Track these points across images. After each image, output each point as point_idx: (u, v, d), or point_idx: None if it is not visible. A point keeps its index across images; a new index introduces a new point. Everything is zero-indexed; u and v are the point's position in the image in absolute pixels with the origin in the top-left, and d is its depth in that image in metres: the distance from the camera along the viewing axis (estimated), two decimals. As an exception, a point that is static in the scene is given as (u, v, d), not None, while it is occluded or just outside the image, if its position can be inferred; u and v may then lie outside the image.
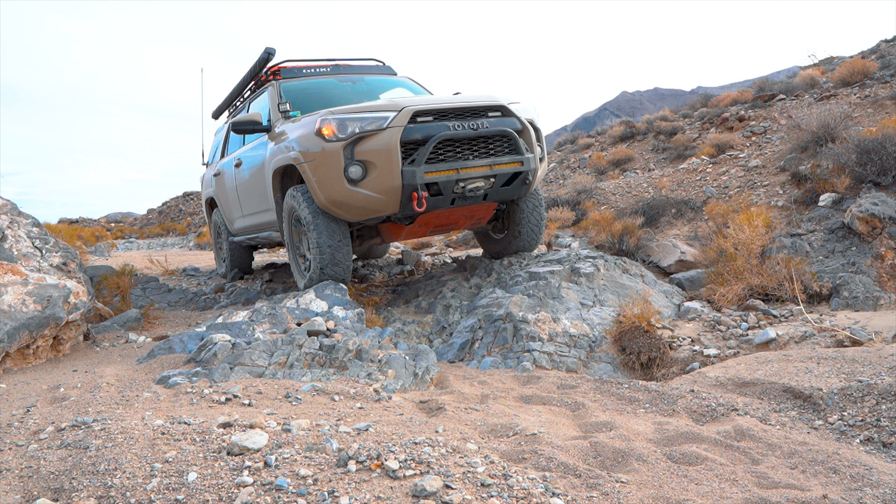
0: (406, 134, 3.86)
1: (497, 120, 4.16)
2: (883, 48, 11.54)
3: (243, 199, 5.75)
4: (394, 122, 3.87)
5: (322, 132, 3.92)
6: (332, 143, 3.89)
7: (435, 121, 3.97)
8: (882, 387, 2.46)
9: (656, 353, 3.54)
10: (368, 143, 3.87)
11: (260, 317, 3.87)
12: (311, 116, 4.24)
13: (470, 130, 3.98)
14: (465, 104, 4.11)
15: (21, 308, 3.45)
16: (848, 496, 1.82)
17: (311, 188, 4.07)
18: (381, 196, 3.91)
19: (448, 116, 4.02)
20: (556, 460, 1.99)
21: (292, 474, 1.78)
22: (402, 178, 3.85)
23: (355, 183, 3.91)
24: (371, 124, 3.87)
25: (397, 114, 3.90)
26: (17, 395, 2.89)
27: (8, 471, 1.85)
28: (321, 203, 4.08)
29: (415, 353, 3.41)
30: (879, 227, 4.69)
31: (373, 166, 3.88)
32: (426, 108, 3.96)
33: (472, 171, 4.03)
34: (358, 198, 3.93)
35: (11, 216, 4.17)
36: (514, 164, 4.18)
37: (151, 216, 29.54)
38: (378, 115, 3.91)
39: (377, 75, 5.86)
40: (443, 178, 3.93)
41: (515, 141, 4.17)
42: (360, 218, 4.15)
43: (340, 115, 3.94)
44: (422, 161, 3.86)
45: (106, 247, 13.55)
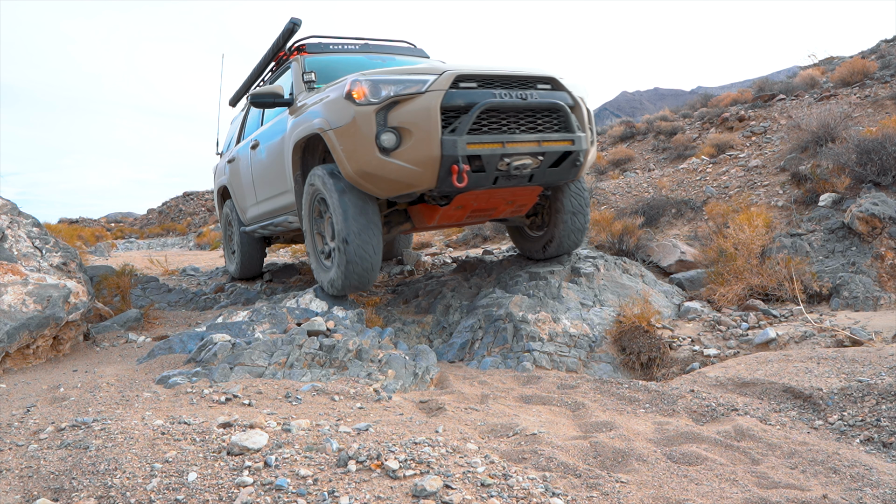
0: (447, 99, 3.44)
1: (547, 93, 3.75)
2: (883, 48, 11.54)
3: (258, 183, 5.35)
4: (433, 86, 3.46)
5: (352, 95, 3.53)
6: (363, 108, 3.49)
7: (479, 87, 3.57)
8: (882, 387, 2.46)
9: (656, 353, 3.54)
10: (404, 108, 3.46)
11: (260, 317, 3.87)
12: (337, 81, 3.87)
13: (518, 100, 3.58)
14: (514, 72, 3.70)
15: (21, 308, 3.45)
16: (848, 496, 1.82)
17: (338, 158, 3.66)
18: (417, 168, 3.47)
19: (494, 84, 3.62)
20: (556, 460, 1.99)
21: (292, 474, 1.78)
22: (442, 147, 3.41)
23: (388, 152, 3.48)
24: (408, 87, 3.47)
25: (438, 77, 3.50)
26: (17, 395, 2.89)
27: (8, 471, 1.85)
28: (348, 175, 3.67)
29: (415, 353, 3.41)
30: (879, 227, 4.69)
31: (408, 134, 3.46)
32: (470, 72, 3.55)
33: (519, 146, 3.59)
34: (390, 169, 3.49)
35: (11, 216, 4.17)
36: (564, 143, 3.75)
37: (151, 216, 29.55)
38: (416, 77, 3.52)
39: (408, 56, 5.42)
40: (487, 152, 3.50)
41: (567, 116, 3.76)
42: (392, 194, 3.73)
43: (374, 77, 3.56)
44: (464, 130, 3.43)
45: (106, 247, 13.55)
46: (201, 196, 28.97)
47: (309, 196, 4.20)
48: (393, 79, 3.52)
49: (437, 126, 3.41)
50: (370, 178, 3.59)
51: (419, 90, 3.46)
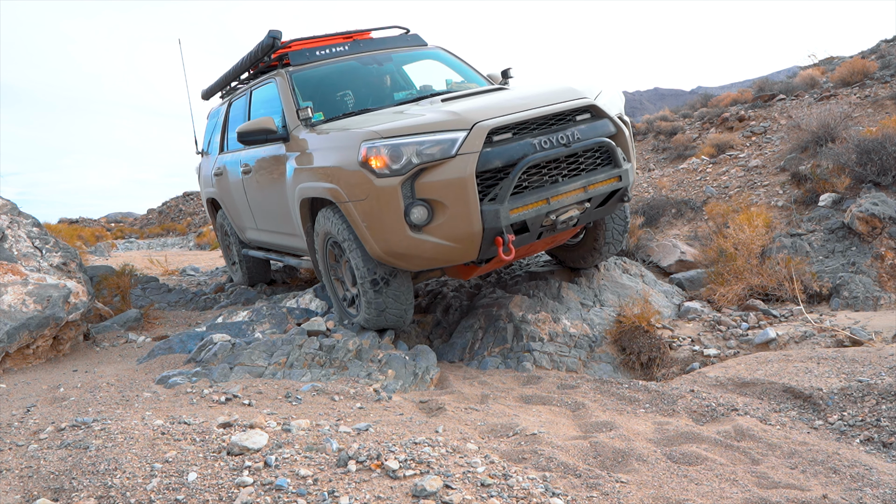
0: (483, 161, 2.94)
1: (588, 127, 3.27)
2: (883, 48, 11.54)
3: (258, 212, 4.81)
4: (465, 147, 2.93)
5: (369, 163, 3.01)
6: (386, 179, 2.97)
7: (515, 137, 3.07)
8: (882, 387, 2.46)
9: (656, 353, 3.54)
10: (433, 175, 2.95)
11: (260, 317, 3.87)
12: (344, 133, 3.35)
13: (561, 147, 3.10)
14: (550, 109, 3.19)
15: (21, 308, 3.45)
16: (848, 496, 1.82)
17: (361, 235, 3.18)
18: (456, 244, 3.02)
19: (530, 128, 3.13)
20: (556, 460, 1.99)
21: (292, 474, 1.78)
22: (483, 220, 2.96)
23: (420, 229, 3.01)
24: (433, 149, 2.95)
25: (468, 133, 2.95)
26: (17, 395, 2.89)
27: (8, 471, 1.85)
28: (375, 254, 3.19)
29: (415, 353, 3.41)
30: (879, 227, 4.69)
31: (441, 207, 2.97)
32: (503, 122, 3.03)
33: (565, 197, 3.15)
34: (425, 247, 3.03)
35: (11, 216, 4.17)
36: (611, 181, 3.32)
37: (151, 216, 29.56)
38: (442, 136, 2.97)
39: (404, 49, 4.76)
40: (531, 213, 3.05)
41: (613, 152, 3.31)
42: (427, 268, 3.30)
43: (391, 140, 3.01)
44: (506, 196, 2.96)
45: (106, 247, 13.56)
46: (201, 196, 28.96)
47: (321, 240, 3.73)
48: (414, 140, 2.99)
49: (475, 196, 2.94)
50: (401, 257, 3.14)
51: (448, 153, 2.94)
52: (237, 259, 5.95)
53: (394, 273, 3.35)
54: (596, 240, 4.22)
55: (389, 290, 3.37)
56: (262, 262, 5.82)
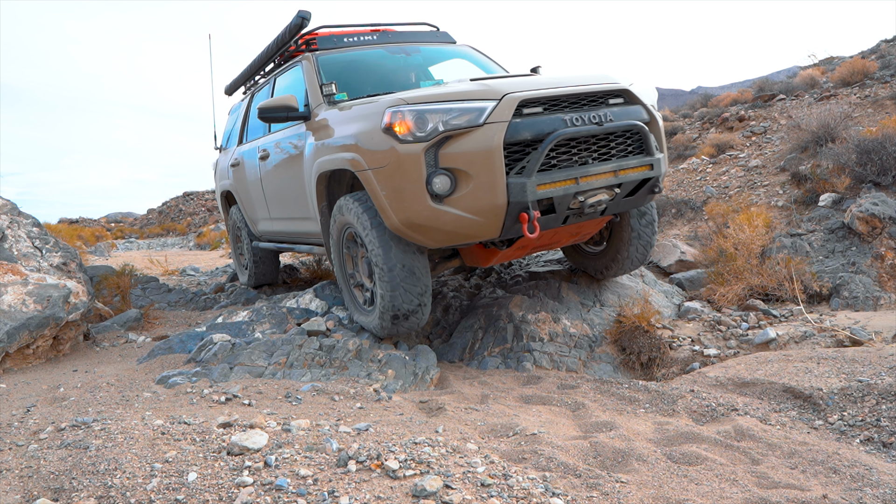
0: (511, 132, 2.83)
1: (621, 109, 3.16)
2: (883, 48, 11.54)
3: (272, 200, 4.69)
4: (493, 116, 2.83)
5: (393, 128, 2.91)
6: (409, 145, 2.87)
7: (546, 112, 2.95)
8: (882, 387, 2.46)
9: (656, 353, 3.54)
10: (458, 144, 2.84)
11: (260, 317, 3.87)
12: (368, 104, 3.26)
13: (593, 125, 2.98)
14: (582, 89, 3.08)
15: (21, 308, 3.45)
16: (848, 496, 1.82)
17: (379, 205, 3.06)
18: (478, 217, 2.88)
19: (561, 105, 3.01)
20: (556, 460, 1.99)
21: (292, 474, 1.78)
22: (508, 193, 2.83)
23: (441, 199, 2.88)
24: (461, 118, 2.84)
25: (497, 103, 2.86)
26: (17, 395, 2.89)
27: (8, 471, 1.85)
28: (393, 225, 3.05)
29: (415, 353, 3.41)
30: (879, 227, 4.69)
31: (465, 177, 2.85)
32: (534, 95, 2.93)
33: (594, 179, 3.02)
34: (446, 219, 2.90)
35: (11, 216, 4.17)
36: (642, 169, 3.18)
37: (151, 216, 29.57)
38: (470, 105, 2.87)
39: (433, 44, 4.67)
40: (559, 192, 2.92)
41: (646, 138, 3.18)
42: (446, 244, 3.12)
43: (417, 106, 2.90)
44: (534, 170, 2.83)
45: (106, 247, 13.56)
46: (201, 196, 28.99)
47: (338, 230, 3.58)
48: (441, 107, 2.88)
49: (502, 167, 2.81)
50: (420, 229, 3.00)
51: (475, 121, 2.83)
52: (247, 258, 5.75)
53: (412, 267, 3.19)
54: (619, 249, 4.01)
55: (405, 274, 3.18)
56: (271, 261, 5.65)
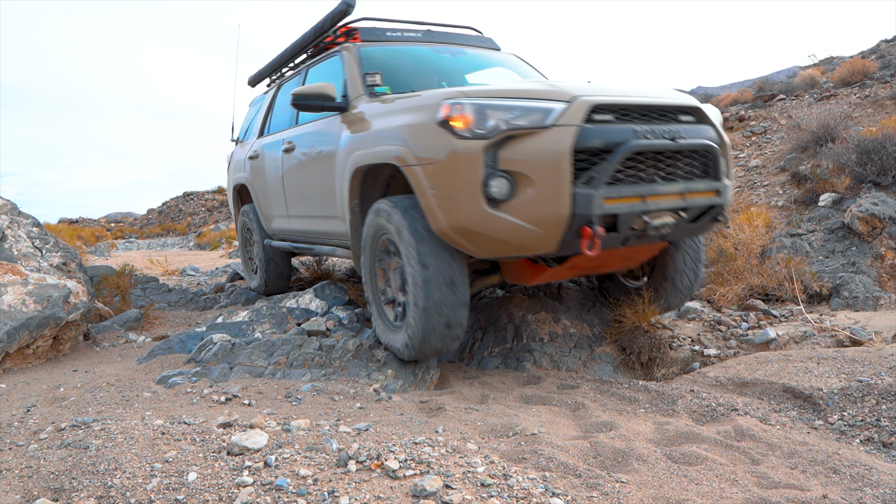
0: (581, 138, 2.58)
1: (692, 128, 2.91)
2: (883, 48, 11.54)
3: (293, 195, 4.39)
4: (563, 119, 2.59)
5: (451, 123, 2.66)
6: (466, 141, 2.62)
7: (617, 120, 2.73)
8: (882, 387, 2.47)
9: (656, 353, 3.54)
10: (521, 146, 2.59)
11: (260, 317, 3.87)
12: (419, 96, 3.03)
13: (666, 140, 2.75)
14: (656, 101, 2.87)
15: (21, 308, 3.45)
16: (848, 496, 1.82)
17: (426, 205, 2.80)
18: (537, 228, 2.61)
19: (632, 116, 2.79)
20: (556, 460, 1.99)
21: (292, 474, 1.78)
22: (573, 203, 2.56)
23: (497, 204, 2.62)
24: (527, 117, 2.61)
25: (567, 106, 2.62)
26: (17, 395, 2.89)
27: (8, 471, 1.85)
28: (440, 229, 2.78)
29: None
30: (879, 227, 4.70)
31: (526, 182, 2.59)
32: (607, 101, 2.70)
33: (661, 199, 2.77)
34: (500, 227, 2.63)
35: (11, 216, 4.17)
36: (709, 194, 2.93)
37: (151, 216, 29.58)
38: (537, 104, 2.64)
39: (478, 49, 4.46)
40: (625, 209, 2.66)
41: (716, 161, 2.94)
42: (495, 255, 2.86)
43: (478, 100, 2.68)
44: (602, 181, 2.58)
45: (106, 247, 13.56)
46: (201, 196, 29.01)
47: (371, 234, 3.28)
48: (505, 104, 2.66)
49: (568, 175, 2.55)
50: (470, 235, 2.73)
51: (541, 121, 2.60)
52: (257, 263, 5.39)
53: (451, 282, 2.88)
54: (662, 284, 3.66)
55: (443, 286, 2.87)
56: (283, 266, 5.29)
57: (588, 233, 2.59)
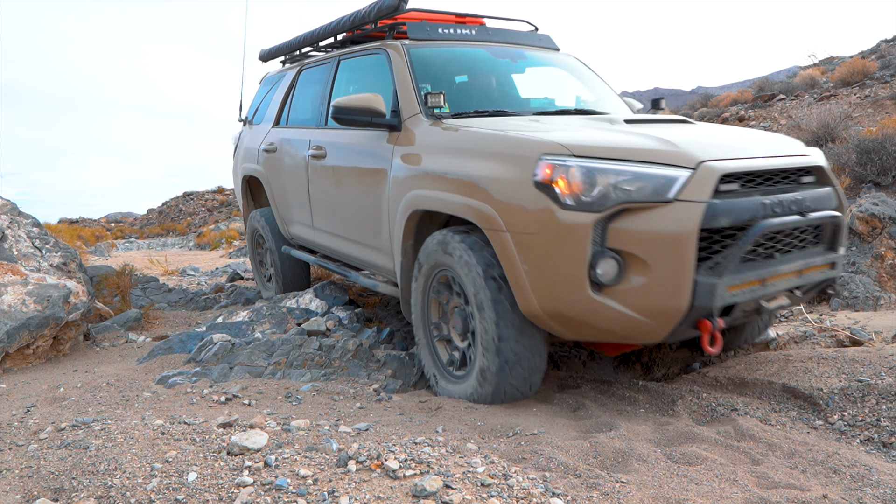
0: (709, 215, 2.14)
1: (815, 193, 2.50)
2: (883, 48, 11.54)
3: (321, 208, 3.88)
4: (687, 191, 2.15)
5: (554, 186, 2.22)
6: (573, 213, 2.19)
7: (742, 190, 2.30)
8: (882, 387, 2.47)
9: (656, 353, 3.54)
10: (636, 220, 2.16)
11: (260, 317, 3.87)
12: (503, 137, 2.54)
13: (797, 216, 2.34)
14: (780, 162, 2.45)
15: (21, 308, 3.45)
16: (848, 496, 1.82)
17: (515, 280, 2.37)
18: (646, 319, 2.21)
19: (755, 181, 2.35)
20: (556, 460, 1.99)
21: (292, 474, 1.78)
22: (694, 294, 2.15)
23: (602, 289, 2.21)
24: (644, 187, 2.17)
25: (692, 173, 2.18)
26: (17, 395, 2.89)
27: (8, 471, 1.85)
28: (531, 311, 2.37)
29: (414, 353, 3.41)
30: (879, 227, 4.70)
31: (639, 265, 2.17)
32: (736, 168, 2.26)
33: (780, 279, 2.38)
34: (604, 316, 2.23)
35: (11, 216, 4.17)
36: (825, 267, 2.56)
37: (151, 216, 29.58)
38: (657, 171, 2.19)
39: (539, 49, 3.88)
40: (745, 295, 2.28)
41: (839, 232, 2.57)
42: (590, 339, 2.51)
43: (586, 161, 2.22)
44: (728, 268, 2.18)
45: (106, 247, 13.56)
46: (201, 196, 29.02)
47: (428, 269, 2.84)
48: (618, 168, 2.21)
49: (692, 260, 2.13)
50: (566, 321, 2.33)
51: (663, 195, 2.15)
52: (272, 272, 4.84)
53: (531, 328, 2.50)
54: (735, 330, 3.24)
55: (520, 347, 2.48)
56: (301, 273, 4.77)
57: (707, 327, 2.21)
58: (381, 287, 3.44)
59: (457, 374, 2.81)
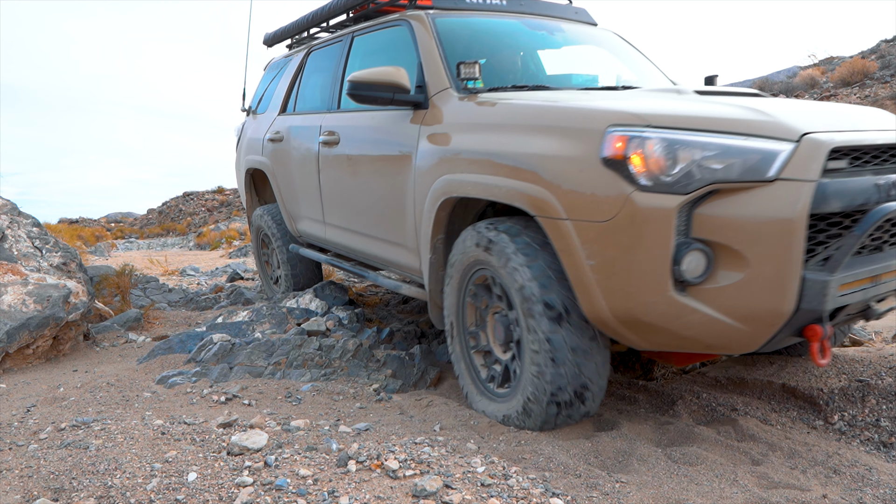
0: (818, 198, 1.77)
1: None
2: (883, 48, 11.55)
3: (333, 201, 3.54)
4: (791, 168, 1.78)
5: (628, 164, 1.85)
6: (654, 195, 1.82)
7: (851, 169, 1.90)
8: (882, 387, 2.47)
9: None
10: (728, 204, 1.79)
11: (260, 317, 3.87)
12: (556, 106, 2.18)
13: None
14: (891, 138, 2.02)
15: (21, 308, 3.45)
16: (848, 496, 1.82)
17: (578, 278, 1.99)
18: (741, 325, 1.83)
19: (863, 158, 1.95)
20: (556, 460, 1.99)
21: (292, 474, 1.78)
22: (801, 294, 1.78)
23: (686, 287, 1.85)
24: (739, 163, 1.79)
25: (795, 146, 1.80)
26: (17, 395, 2.89)
27: (8, 471, 1.85)
28: (598, 316, 2.00)
29: (414, 353, 3.41)
30: (879, 227, 4.69)
31: (733, 259, 1.80)
32: (846, 141, 1.87)
33: (891, 276, 2.00)
34: (688, 321, 1.87)
35: (11, 216, 4.17)
36: None
37: (151, 216, 29.58)
38: (754, 144, 1.81)
39: (576, 23, 3.54)
40: (857, 295, 1.90)
41: None
42: (669, 349, 2.05)
43: (668, 132, 1.85)
44: (842, 262, 1.81)
45: (106, 247, 13.56)
46: (201, 196, 29.03)
47: (464, 266, 2.47)
48: (705, 140, 1.83)
49: (800, 252, 1.76)
50: (641, 328, 1.96)
51: (762, 173, 1.78)
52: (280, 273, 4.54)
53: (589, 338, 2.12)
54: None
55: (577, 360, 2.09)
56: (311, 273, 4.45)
57: (817, 333, 1.84)
58: (405, 289, 3.10)
59: (498, 391, 2.43)
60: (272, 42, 4.81)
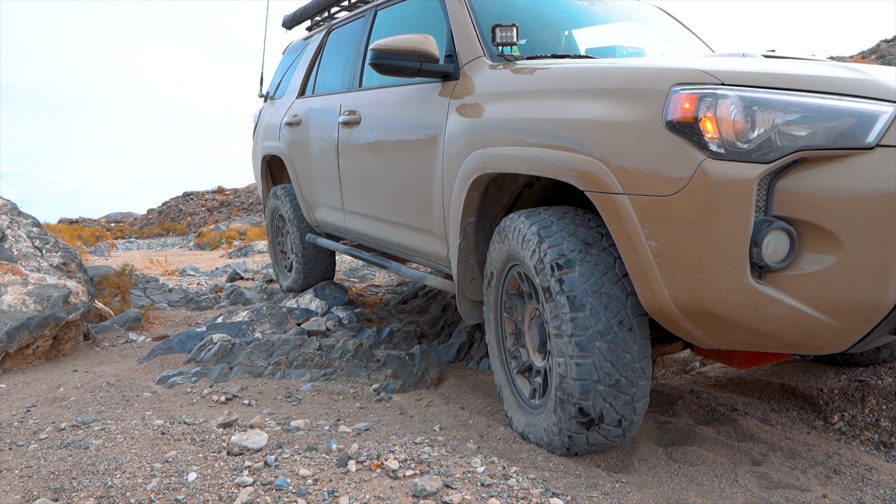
0: None
1: None
2: (883, 48, 11.55)
3: (353, 185, 3.30)
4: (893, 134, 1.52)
5: (699, 126, 1.56)
6: (727, 164, 1.53)
7: None
8: (882, 387, 2.47)
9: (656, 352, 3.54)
10: (820, 176, 1.52)
11: (260, 317, 3.87)
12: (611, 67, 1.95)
13: None
14: None
15: (21, 308, 3.45)
16: (848, 496, 1.82)
17: (636, 264, 1.71)
18: (829, 319, 1.57)
19: None
20: (556, 460, 1.99)
21: (292, 474, 1.78)
22: None
23: (764, 274, 1.58)
24: (830, 128, 1.52)
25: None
26: (17, 395, 2.89)
27: (8, 471, 1.85)
28: (659, 307, 1.71)
29: (414, 353, 3.41)
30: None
31: (822, 241, 1.53)
32: None
33: None
34: (767, 313, 1.59)
35: (11, 216, 4.17)
36: None
37: (151, 216, 29.59)
38: (848, 106, 1.54)
39: None
40: None
41: None
42: (742, 347, 1.76)
43: (745, 91, 1.56)
44: None
45: (106, 247, 13.56)
46: (201, 196, 29.03)
47: (498, 266, 2.24)
48: (789, 99, 1.55)
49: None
50: (712, 322, 1.66)
51: (859, 139, 1.52)
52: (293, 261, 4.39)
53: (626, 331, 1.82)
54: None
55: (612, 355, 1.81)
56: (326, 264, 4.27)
57: None
58: (430, 280, 2.88)
59: (534, 402, 2.18)
60: (291, 24, 4.62)
